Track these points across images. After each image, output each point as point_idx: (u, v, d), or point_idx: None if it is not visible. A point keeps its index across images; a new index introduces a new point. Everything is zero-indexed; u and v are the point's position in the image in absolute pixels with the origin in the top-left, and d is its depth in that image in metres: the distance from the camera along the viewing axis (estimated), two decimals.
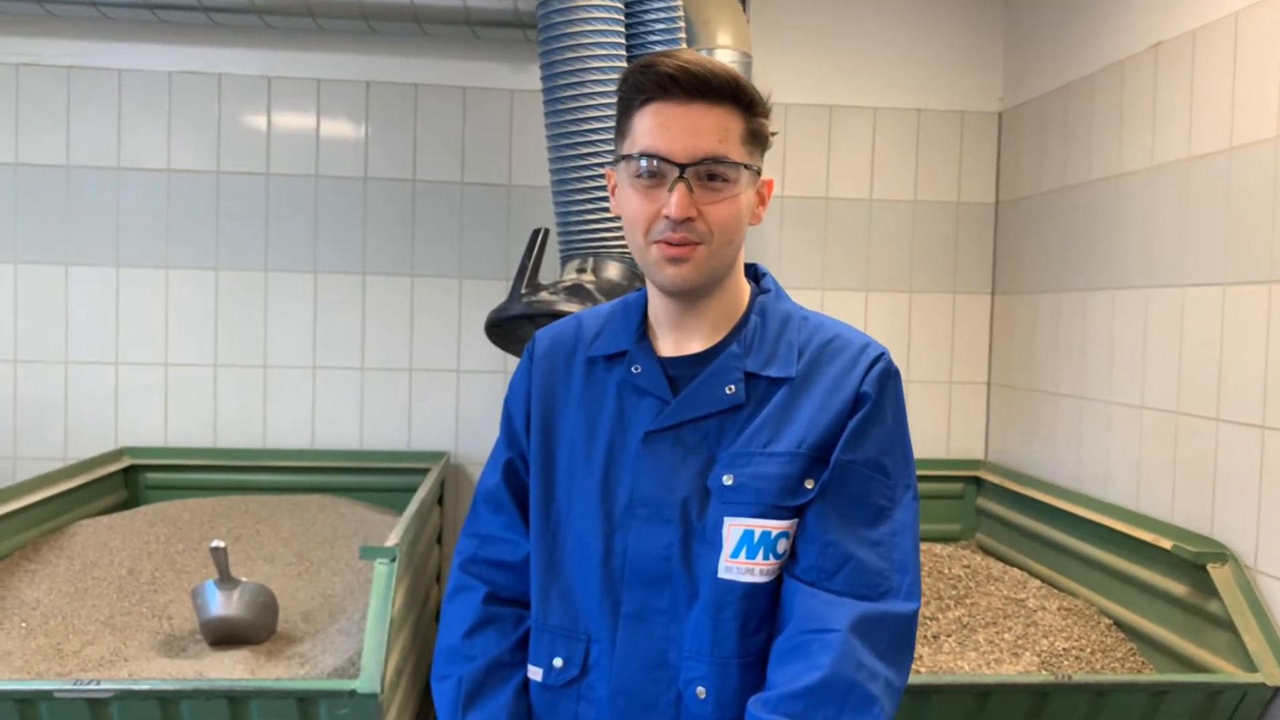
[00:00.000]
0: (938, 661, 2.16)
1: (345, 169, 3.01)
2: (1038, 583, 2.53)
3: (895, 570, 1.14)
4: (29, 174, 2.92)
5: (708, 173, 1.13)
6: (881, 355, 1.20)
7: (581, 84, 2.23)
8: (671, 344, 1.23)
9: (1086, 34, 2.70)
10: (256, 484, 2.93)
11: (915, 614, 1.14)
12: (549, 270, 2.31)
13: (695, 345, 1.22)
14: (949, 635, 2.28)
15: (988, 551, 3.00)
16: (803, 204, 3.15)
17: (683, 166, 1.12)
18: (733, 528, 1.15)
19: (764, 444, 1.17)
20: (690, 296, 1.19)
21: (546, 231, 2.22)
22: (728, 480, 1.16)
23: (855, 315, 3.18)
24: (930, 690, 1.87)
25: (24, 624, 2.07)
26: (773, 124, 1.21)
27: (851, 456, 1.15)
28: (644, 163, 1.14)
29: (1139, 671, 2.18)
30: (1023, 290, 3.02)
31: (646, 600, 1.18)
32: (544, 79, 2.29)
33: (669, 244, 1.14)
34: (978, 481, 3.15)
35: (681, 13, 2.44)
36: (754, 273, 1.29)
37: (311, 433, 3.01)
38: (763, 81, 2.94)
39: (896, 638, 1.12)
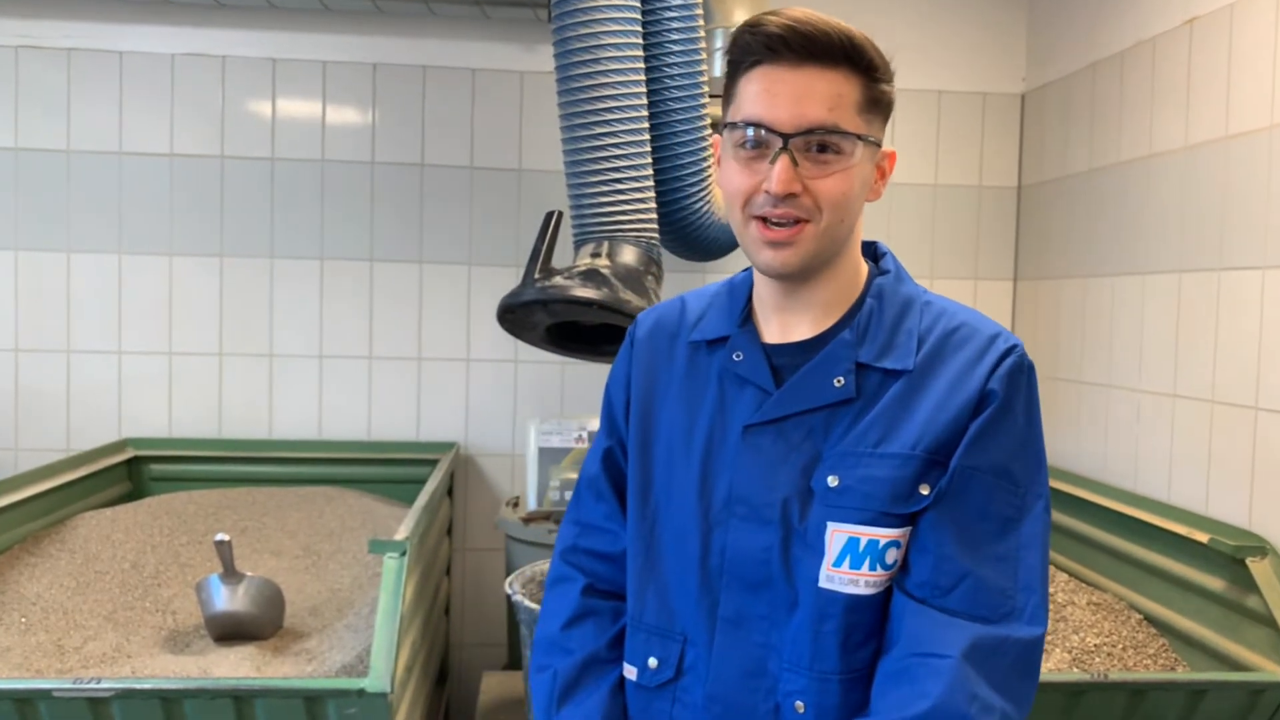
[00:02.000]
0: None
1: (352, 153, 2.95)
2: (1065, 576, 2.46)
3: (1020, 589, 1.04)
4: (29, 159, 2.85)
5: (818, 144, 1.04)
6: (1014, 347, 1.09)
7: (596, 62, 2.15)
8: (777, 329, 1.14)
9: (1115, 11, 2.62)
10: (262, 475, 2.87)
11: (1040, 639, 1.04)
12: (563, 255, 2.24)
13: (803, 331, 1.13)
14: None
15: None
16: None
17: (787, 136, 1.03)
18: (836, 534, 1.07)
19: (875, 443, 1.07)
20: (796, 280, 1.10)
21: (560, 214, 2.15)
22: (833, 481, 1.07)
23: None
24: None
25: (23, 619, 2.01)
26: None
27: (975, 461, 1.05)
28: (749, 131, 1.05)
29: (1173, 668, 2.11)
30: (1046, 276, 2.94)
31: (745, 604, 1.11)
32: (557, 58, 2.22)
33: (768, 223, 1.05)
34: None
35: None
36: (873, 252, 1.19)
37: (318, 423, 2.95)
38: None
39: (1017, 665, 1.02)
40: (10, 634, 1.96)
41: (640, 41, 2.24)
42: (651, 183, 2.23)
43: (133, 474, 2.85)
